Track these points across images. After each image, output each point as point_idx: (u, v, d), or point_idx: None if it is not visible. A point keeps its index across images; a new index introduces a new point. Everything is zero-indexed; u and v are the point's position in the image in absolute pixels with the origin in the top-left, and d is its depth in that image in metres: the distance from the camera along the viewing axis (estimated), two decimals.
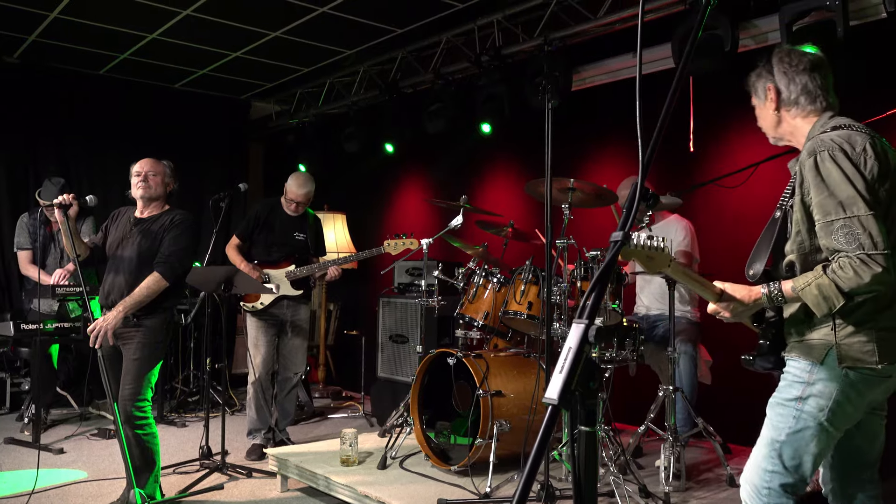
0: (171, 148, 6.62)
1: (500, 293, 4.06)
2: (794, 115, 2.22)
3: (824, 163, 1.99)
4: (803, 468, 2.02)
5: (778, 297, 2.04)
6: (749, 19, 4.39)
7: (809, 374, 2.03)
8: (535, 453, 0.96)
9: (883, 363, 1.96)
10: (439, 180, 6.77)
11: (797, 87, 2.21)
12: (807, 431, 2.01)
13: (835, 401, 2.00)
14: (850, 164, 1.96)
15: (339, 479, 3.66)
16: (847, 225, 1.93)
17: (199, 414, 5.91)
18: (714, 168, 4.63)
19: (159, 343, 3.50)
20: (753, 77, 2.34)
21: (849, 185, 1.94)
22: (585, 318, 1.04)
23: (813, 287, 1.96)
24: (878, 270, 1.89)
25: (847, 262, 1.92)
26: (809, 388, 2.02)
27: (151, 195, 3.62)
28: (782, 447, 2.04)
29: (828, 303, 1.94)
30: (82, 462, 4.57)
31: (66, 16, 5.59)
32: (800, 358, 2.07)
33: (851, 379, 1.99)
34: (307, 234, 4.92)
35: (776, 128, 2.29)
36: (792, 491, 2.04)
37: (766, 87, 2.27)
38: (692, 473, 3.83)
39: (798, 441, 2.02)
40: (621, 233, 1.13)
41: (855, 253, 1.91)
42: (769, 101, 2.27)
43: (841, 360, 1.99)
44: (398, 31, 5.89)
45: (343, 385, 7.22)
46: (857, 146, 2.00)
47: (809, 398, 2.02)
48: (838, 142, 2.01)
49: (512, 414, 3.66)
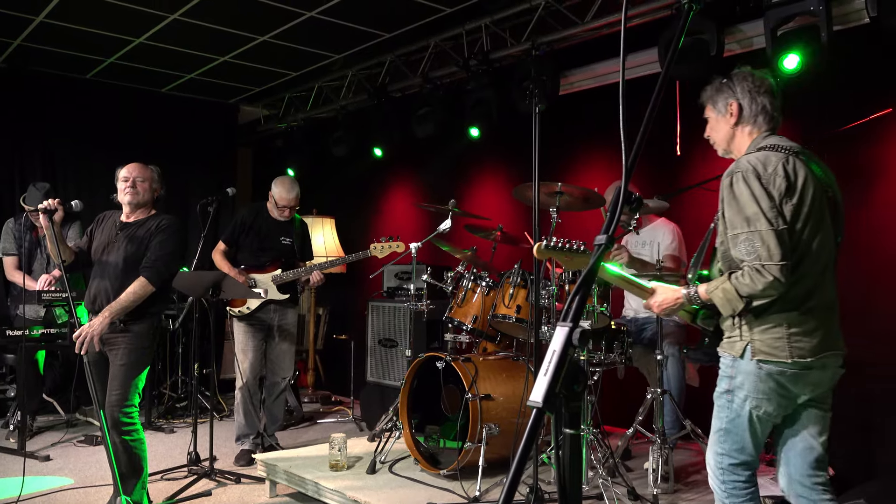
0: (159, 152, 6.59)
1: (488, 297, 4.07)
2: (749, 132, 2.43)
3: (738, 183, 2.24)
4: (747, 450, 2.31)
5: (695, 298, 2.36)
6: (734, 24, 4.42)
7: (732, 369, 2.32)
8: (520, 456, 0.97)
9: (794, 358, 2.21)
10: (428, 184, 6.77)
11: (758, 107, 2.41)
12: (740, 419, 2.29)
13: (757, 390, 2.26)
14: (759, 185, 2.20)
15: (328, 484, 3.65)
16: (749, 238, 2.20)
17: (188, 420, 5.87)
18: (700, 171, 4.66)
19: (146, 348, 3.47)
20: (711, 91, 2.51)
21: (754, 203, 2.19)
22: (570, 321, 1.05)
23: (719, 291, 2.26)
24: (770, 279, 2.15)
25: (746, 271, 2.20)
26: (733, 382, 2.31)
27: (139, 201, 3.60)
28: (725, 434, 2.33)
29: (731, 305, 2.24)
30: (69, 469, 4.53)
31: (53, 20, 5.55)
32: (726, 354, 2.35)
33: (766, 371, 2.23)
34: (293, 239, 4.91)
35: (730, 141, 2.48)
36: (744, 468, 2.32)
37: (729, 103, 2.44)
38: (680, 475, 3.84)
39: (736, 427, 2.30)
40: (605, 236, 1.14)
41: (753, 263, 2.18)
42: (729, 116, 2.44)
43: (754, 354, 2.25)
44: (386, 36, 5.89)
45: (332, 390, 7.20)
46: (769, 167, 2.23)
47: (735, 390, 2.30)
48: (753, 163, 2.25)
49: (501, 417, 3.66)
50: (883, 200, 3.98)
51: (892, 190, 3.94)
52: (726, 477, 2.32)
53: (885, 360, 3.92)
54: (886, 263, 3.96)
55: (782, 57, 4.01)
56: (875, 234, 4.00)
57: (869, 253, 4.01)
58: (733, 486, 2.32)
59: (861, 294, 4.00)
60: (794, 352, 2.20)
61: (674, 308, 2.42)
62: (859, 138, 3.90)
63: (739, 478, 2.32)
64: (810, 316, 2.23)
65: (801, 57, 3.98)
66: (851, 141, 3.90)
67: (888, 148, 3.96)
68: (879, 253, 3.98)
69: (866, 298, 4.00)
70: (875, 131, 3.88)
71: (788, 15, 3.95)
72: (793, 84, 4.20)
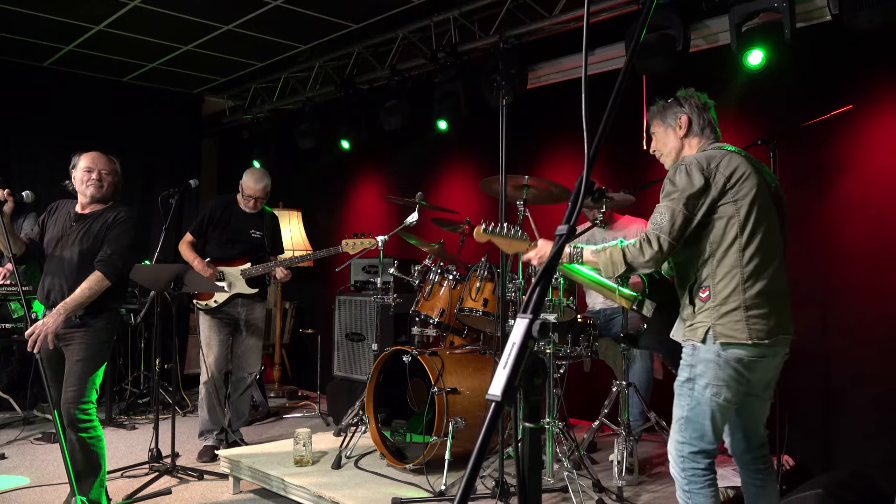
0: (121, 143, 6.46)
1: (455, 290, 4.05)
2: (696, 143, 2.59)
3: (680, 173, 2.39)
4: (706, 437, 2.37)
5: (577, 257, 2.53)
6: (700, 20, 4.46)
7: (692, 357, 2.39)
8: (478, 450, 0.95)
9: (753, 339, 2.30)
10: (395, 177, 6.73)
11: (704, 121, 2.59)
12: (700, 407, 2.36)
13: (717, 377, 2.33)
14: (699, 175, 2.35)
15: (292, 479, 3.61)
16: (661, 211, 2.37)
17: (149, 416, 5.77)
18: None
19: (104, 343, 3.38)
20: (657, 108, 2.67)
21: (686, 188, 2.34)
22: (529, 312, 1.03)
23: (606, 253, 2.42)
24: (656, 250, 2.33)
25: (638, 240, 2.37)
26: (693, 370, 2.38)
27: (103, 195, 3.49)
28: (686, 422, 2.40)
29: (612, 268, 2.40)
30: (25, 467, 4.41)
31: (7, 5, 5.38)
32: (687, 342, 2.43)
33: (724, 358, 2.32)
34: (264, 232, 4.83)
35: (679, 152, 2.62)
36: (703, 456, 2.38)
37: (678, 116, 2.60)
38: (645, 467, 3.88)
39: (696, 415, 2.37)
40: (566, 226, 1.12)
41: (651, 232, 2.35)
42: (679, 129, 2.60)
43: (716, 338, 2.33)
44: (354, 27, 5.83)
45: (299, 384, 7.14)
46: (712, 162, 2.39)
47: (696, 378, 2.37)
48: (699, 158, 2.41)
49: (467, 411, 3.65)
50: (844, 196, 4.05)
51: (853, 185, 4.01)
52: (686, 465, 2.39)
53: (843, 353, 4.00)
54: (846, 258, 4.03)
55: (747, 53, 4.06)
56: (835, 230, 4.07)
57: (829, 248, 4.08)
58: (693, 474, 2.39)
59: (821, 288, 4.07)
60: (753, 333, 2.30)
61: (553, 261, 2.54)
62: (821, 134, 3.96)
63: (699, 465, 2.38)
64: (765, 299, 2.34)
65: (765, 53, 4.03)
66: (813, 137, 3.96)
67: (849, 144, 4.03)
68: (839, 248, 4.05)
69: (826, 292, 4.07)
70: (836, 128, 3.94)
71: (753, 11, 4.00)
72: (757, 80, 4.26)
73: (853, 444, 3.94)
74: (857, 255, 3.99)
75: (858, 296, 3.97)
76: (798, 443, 3.95)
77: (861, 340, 3.94)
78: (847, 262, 4.03)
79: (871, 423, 3.87)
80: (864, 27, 3.65)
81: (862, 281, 3.95)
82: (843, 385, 4.01)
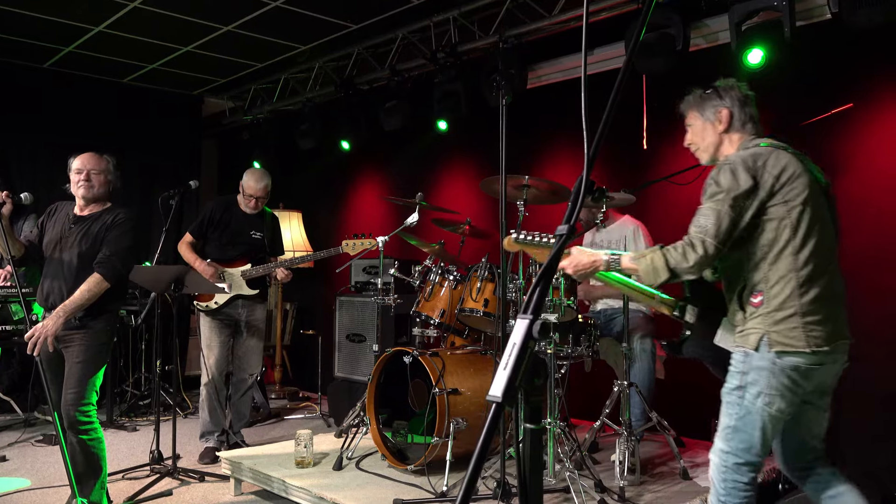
0: (121, 144, 6.44)
1: (456, 290, 4.05)
2: (736, 139, 2.45)
3: (724, 172, 2.25)
4: (754, 449, 2.24)
5: (615, 265, 2.34)
6: (700, 19, 4.46)
7: (744, 364, 2.26)
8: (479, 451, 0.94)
9: (811, 347, 2.18)
10: (395, 177, 6.73)
11: (746, 115, 2.44)
12: (750, 417, 2.23)
13: (770, 386, 2.21)
14: (745, 174, 2.22)
15: (293, 481, 3.60)
16: (706, 214, 2.22)
17: (150, 417, 5.76)
18: (667, 165, 4.69)
19: (103, 345, 3.37)
20: (695, 99, 2.52)
21: (733, 188, 2.21)
22: (530, 313, 1.02)
23: (647, 260, 2.25)
24: (701, 254, 2.18)
25: (681, 244, 2.22)
26: (745, 378, 2.25)
27: (94, 194, 3.47)
28: (733, 432, 2.26)
29: (655, 275, 2.23)
30: (26, 470, 4.41)
31: (7, 6, 5.38)
32: (738, 348, 2.29)
33: (781, 365, 2.20)
34: (264, 233, 4.83)
35: (717, 148, 2.49)
36: (748, 469, 2.25)
37: (718, 110, 2.45)
38: (647, 467, 3.87)
39: (746, 425, 2.24)
40: (566, 226, 1.12)
41: (695, 235, 2.21)
42: (718, 123, 2.45)
43: (771, 346, 2.20)
44: (353, 27, 5.83)
45: (300, 385, 7.13)
46: (759, 160, 2.26)
47: (748, 386, 2.24)
48: (744, 156, 2.28)
49: (469, 412, 3.64)
50: (844, 195, 4.01)
51: (853, 184, 4.00)
52: (728, 476, 2.26)
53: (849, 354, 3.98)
54: (847, 258, 4.00)
55: (747, 52, 4.06)
56: None
57: None
58: (734, 486, 2.26)
59: None
60: (811, 340, 2.18)
61: (588, 271, 2.39)
62: (821, 133, 3.95)
63: (742, 479, 2.25)
64: (822, 304, 2.22)
65: (765, 52, 4.02)
66: (813, 136, 3.95)
67: (849, 143, 4.02)
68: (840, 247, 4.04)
69: None
70: (836, 126, 3.93)
71: (753, 10, 4.00)
72: (757, 79, 4.25)
73: (861, 445, 3.92)
74: (857, 255, 3.98)
75: (860, 296, 3.95)
76: None
77: (866, 341, 3.92)
78: (848, 262, 4.01)
79: (878, 425, 3.85)
80: (864, 25, 3.65)
81: (863, 281, 3.94)
82: (850, 386, 3.99)
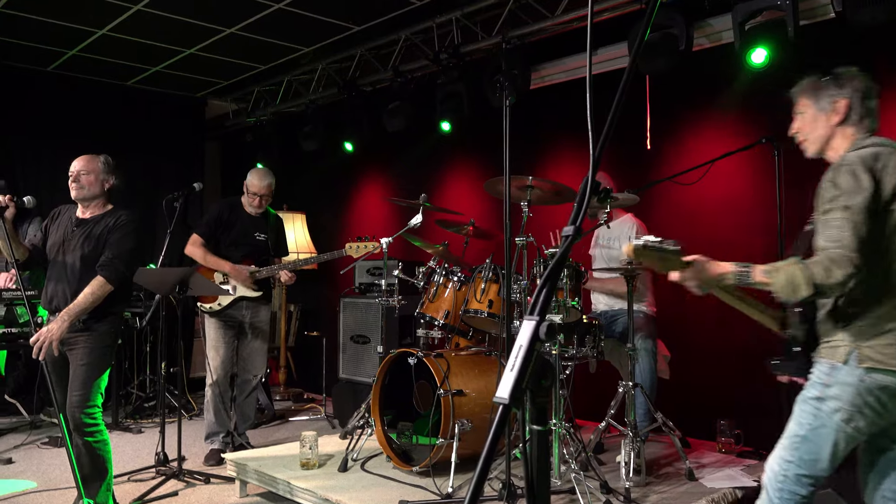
0: (124, 146, 6.47)
1: (460, 292, 4.04)
2: (850, 133, 2.25)
3: (844, 174, 2.07)
4: (820, 464, 2.10)
5: (744, 278, 2.11)
6: (703, 19, 4.45)
7: (828, 377, 2.11)
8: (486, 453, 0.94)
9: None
10: (399, 179, 6.73)
11: (865, 109, 2.25)
12: (824, 430, 2.09)
13: (852, 404, 2.06)
14: (868, 177, 2.04)
15: (299, 483, 3.60)
16: (840, 226, 2.01)
17: (156, 419, 5.77)
18: (670, 165, 4.69)
19: (108, 347, 3.38)
20: (811, 85, 2.32)
21: (859, 193, 2.02)
22: (536, 314, 1.02)
23: (782, 274, 2.03)
24: (848, 272, 1.96)
25: (823, 259, 2.00)
26: (827, 390, 2.10)
27: (85, 195, 3.46)
28: (802, 441, 2.12)
29: (794, 291, 2.01)
30: (32, 472, 4.42)
31: (11, 10, 5.40)
32: (823, 360, 2.15)
33: (869, 384, 2.05)
34: (268, 235, 4.83)
35: (826, 141, 2.30)
36: (810, 483, 2.12)
37: (835, 100, 2.26)
38: (652, 468, 3.87)
39: (816, 438, 2.10)
40: (572, 227, 1.12)
41: (835, 251, 1.99)
42: (833, 115, 2.26)
43: (861, 361, 2.06)
44: (356, 29, 5.83)
45: (304, 387, 7.13)
46: (879, 161, 2.09)
47: (827, 399, 2.09)
48: (863, 156, 2.10)
49: (473, 413, 3.64)
50: None
51: None
52: (786, 486, 2.13)
53: None
54: None
55: (750, 51, 4.05)
56: None
57: None
58: (790, 499, 2.13)
59: None
60: None
61: (713, 282, 2.18)
62: None
63: (801, 492, 2.12)
64: None
65: (769, 51, 4.02)
66: None
67: None
68: None
69: None
70: None
71: (756, 9, 3.99)
72: (760, 78, 4.24)
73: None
74: None
75: None
76: None
77: None
78: None
79: None
80: (868, 24, 3.64)
81: None
82: None
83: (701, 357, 4.57)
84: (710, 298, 2.33)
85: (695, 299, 4.33)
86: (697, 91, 4.73)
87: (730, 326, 4.27)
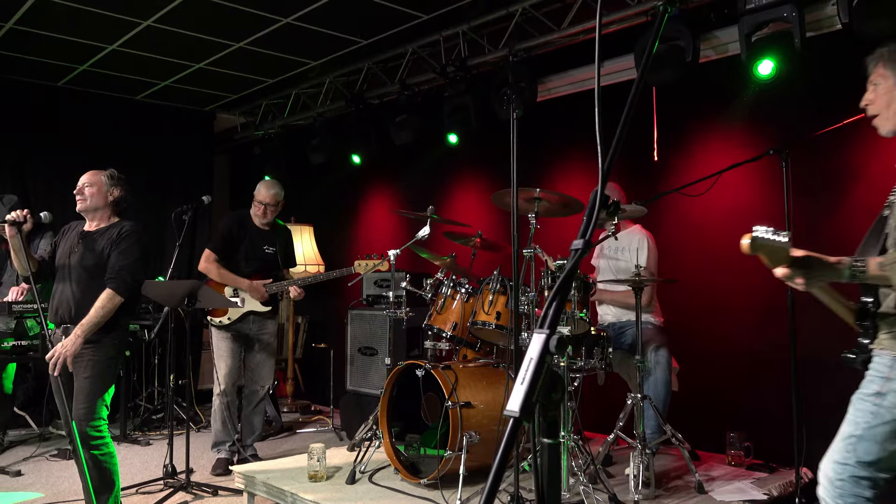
0: (134, 161, 6.53)
1: (468, 303, 4.04)
2: None
3: None
4: (880, 464, 1.97)
5: (859, 270, 1.96)
6: (710, 31, 4.46)
7: (890, 370, 1.98)
8: (497, 466, 0.95)
9: None
10: (406, 191, 6.75)
11: None
12: (884, 427, 1.96)
13: None
14: None
15: (306, 495, 3.59)
16: None
17: (164, 432, 5.78)
18: (678, 177, 4.69)
19: (112, 360, 3.39)
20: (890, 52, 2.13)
21: None
22: (547, 327, 1.03)
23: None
24: None
25: None
26: (888, 384, 1.97)
27: (88, 207, 3.50)
28: (858, 442, 2.00)
29: None
30: (40, 484, 4.43)
31: (23, 26, 5.46)
32: (884, 352, 2.02)
33: None
34: (276, 248, 4.86)
35: None
36: (869, 485, 2.00)
37: None
38: (661, 481, 3.84)
39: (875, 437, 1.97)
40: (582, 241, 1.12)
41: None
42: None
43: None
44: (363, 42, 5.87)
45: (312, 399, 7.13)
46: None
47: (889, 393, 1.96)
48: None
49: (482, 425, 3.63)
50: (858, 204, 4.02)
51: (865, 195, 3.98)
52: (847, 489, 2.00)
53: None
54: None
55: (757, 63, 4.06)
56: (850, 238, 4.02)
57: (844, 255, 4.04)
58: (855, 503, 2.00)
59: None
60: None
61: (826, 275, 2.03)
62: (833, 143, 3.93)
63: (864, 493, 1.98)
64: None
65: (775, 63, 4.02)
66: (826, 145, 3.94)
67: (862, 152, 4.00)
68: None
69: None
70: (849, 136, 3.92)
71: (762, 21, 4.00)
72: (767, 90, 4.25)
73: None
74: None
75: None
76: (817, 452, 3.89)
77: None
78: None
79: None
80: (874, 35, 3.64)
81: None
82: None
83: (709, 368, 4.54)
84: (717, 308, 2.32)
85: (701, 311, 4.31)
86: (704, 102, 4.74)
87: (738, 337, 4.26)
